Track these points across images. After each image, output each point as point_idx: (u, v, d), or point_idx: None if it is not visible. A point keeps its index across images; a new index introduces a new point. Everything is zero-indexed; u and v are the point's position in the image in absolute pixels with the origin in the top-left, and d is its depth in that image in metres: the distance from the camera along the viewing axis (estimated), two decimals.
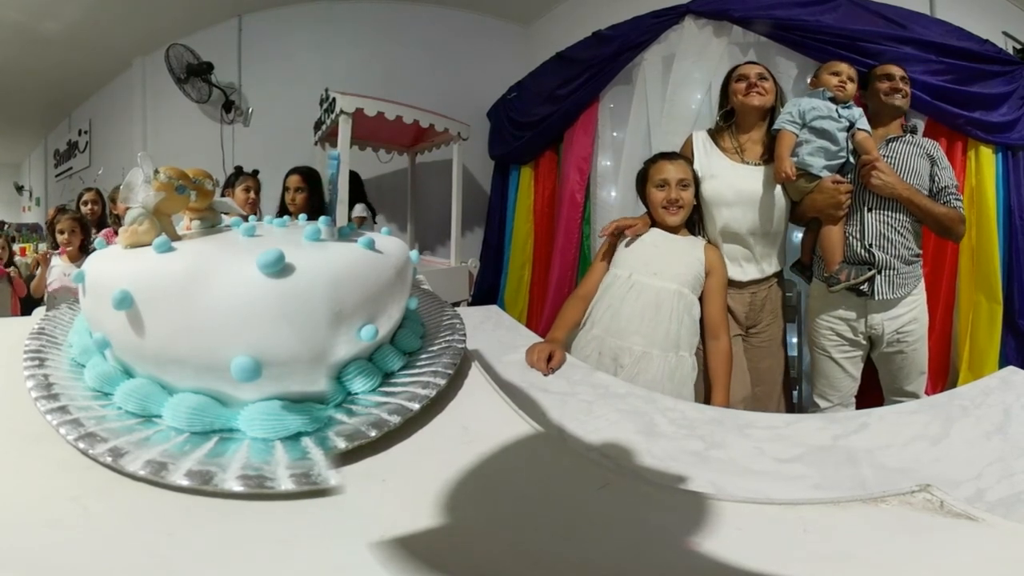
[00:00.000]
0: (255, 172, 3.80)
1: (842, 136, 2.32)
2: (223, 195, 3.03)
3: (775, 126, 2.38)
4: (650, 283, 2.12)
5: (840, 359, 2.53)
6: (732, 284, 2.39)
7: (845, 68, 2.45)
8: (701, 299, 2.18)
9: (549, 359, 1.68)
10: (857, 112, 2.37)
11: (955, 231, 2.44)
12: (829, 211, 2.37)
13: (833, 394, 2.56)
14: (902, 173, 2.36)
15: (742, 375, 2.41)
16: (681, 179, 2.23)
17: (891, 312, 2.41)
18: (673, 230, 2.24)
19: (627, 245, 2.23)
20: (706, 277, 2.18)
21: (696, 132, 2.57)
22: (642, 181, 2.33)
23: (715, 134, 2.53)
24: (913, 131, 2.55)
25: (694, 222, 2.33)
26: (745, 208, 2.38)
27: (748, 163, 2.43)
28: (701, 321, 2.19)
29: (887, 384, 2.60)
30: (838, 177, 2.35)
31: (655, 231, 2.25)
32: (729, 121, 2.53)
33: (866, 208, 2.39)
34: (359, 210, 4.31)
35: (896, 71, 2.53)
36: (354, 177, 4.47)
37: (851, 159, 2.36)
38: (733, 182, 2.38)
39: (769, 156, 2.43)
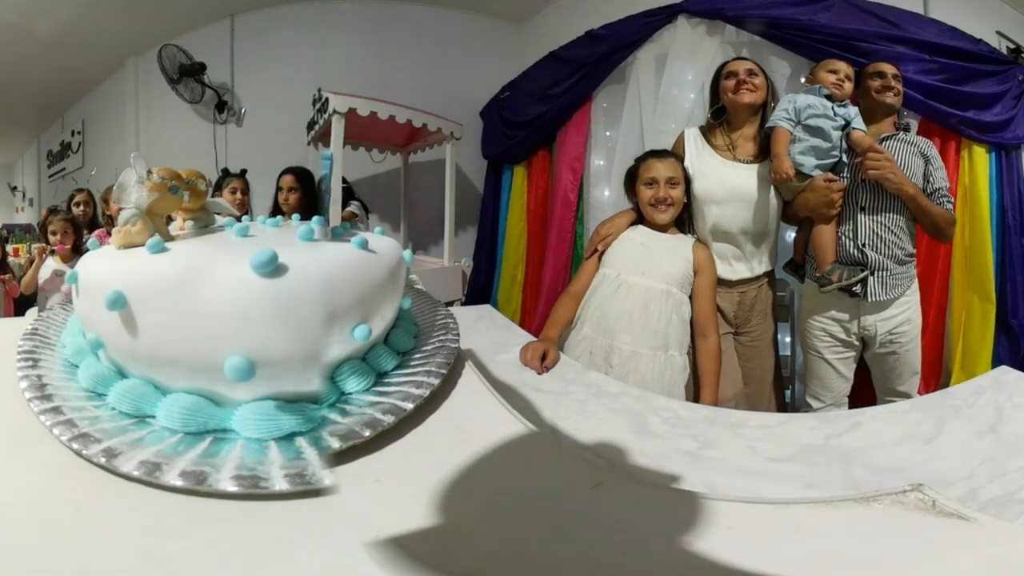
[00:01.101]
0: (243, 172, 3.79)
1: (836, 135, 2.32)
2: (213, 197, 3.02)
3: (770, 123, 2.38)
4: (638, 282, 2.12)
5: (832, 360, 2.53)
6: (721, 283, 2.39)
7: (843, 67, 2.44)
8: (691, 298, 2.19)
9: (543, 358, 1.69)
10: (853, 111, 2.37)
11: (947, 232, 2.45)
12: (821, 210, 2.37)
13: (826, 394, 2.56)
14: None
15: (732, 373, 2.42)
16: (670, 177, 2.23)
17: (884, 313, 2.41)
18: (662, 228, 2.24)
19: (615, 245, 2.24)
20: (695, 276, 2.18)
21: (688, 129, 2.56)
22: (631, 179, 2.33)
23: (707, 131, 2.52)
24: (906, 129, 2.55)
25: (683, 220, 2.34)
26: (736, 206, 2.37)
27: (740, 161, 2.43)
28: (692, 320, 2.19)
29: (880, 385, 2.60)
30: (831, 176, 2.34)
31: (643, 230, 2.25)
32: (720, 118, 2.53)
33: (859, 207, 2.39)
34: (351, 207, 4.32)
35: (888, 69, 2.52)
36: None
37: (844, 158, 2.35)
38: (724, 180, 2.38)
39: (761, 154, 2.43)
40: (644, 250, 2.19)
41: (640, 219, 2.29)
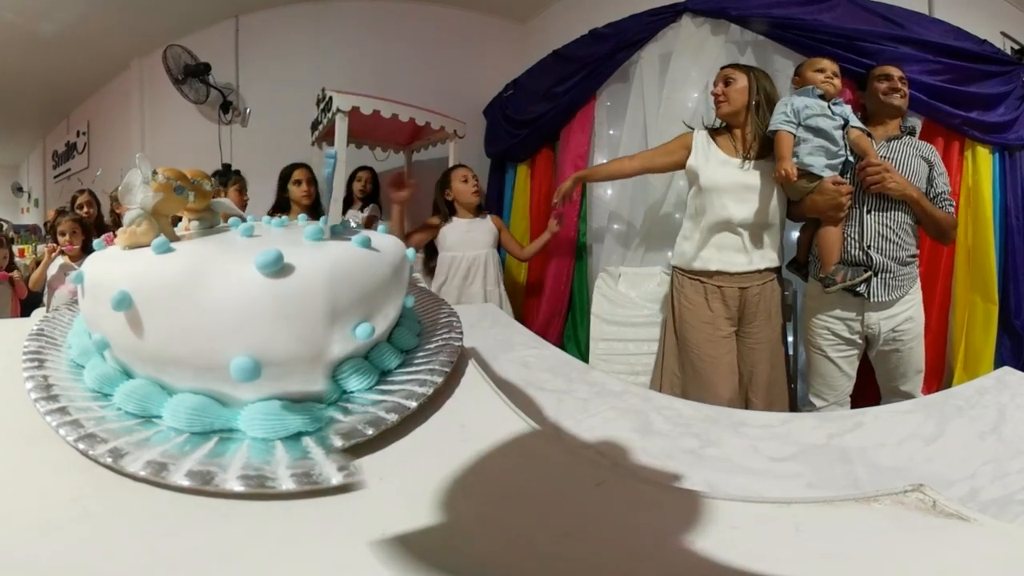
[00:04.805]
0: (227, 167, 3.79)
1: (839, 135, 2.33)
2: None
3: (771, 128, 2.40)
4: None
5: (836, 358, 2.54)
6: (721, 275, 2.43)
7: (828, 64, 2.48)
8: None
9: None
10: (848, 108, 2.39)
11: (949, 235, 2.48)
12: (830, 213, 2.38)
13: (829, 393, 2.57)
14: (901, 173, 2.38)
15: (730, 373, 2.43)
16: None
17: (887, 311, 2.42)
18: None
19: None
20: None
21: (697, 131, 2.63)
22: None
23: (714, 134, 2.59)
24: (912, 132, 2.57)
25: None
26: (736, 196, 2.45)
27: (744, 158, 2.47)
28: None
29: (884, 383, 2.61)
30: (839, 178, 2.35)
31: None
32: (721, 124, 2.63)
33: (865, 210, 2.40)
34: (372, 210, 4.35)
35: (894, 71, 2.54)
36: (373, 175, 4.53)
37: (850, 158, 2.37)
38: (727, 173, 2.47)
39: (763, 152, 2.46)
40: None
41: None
